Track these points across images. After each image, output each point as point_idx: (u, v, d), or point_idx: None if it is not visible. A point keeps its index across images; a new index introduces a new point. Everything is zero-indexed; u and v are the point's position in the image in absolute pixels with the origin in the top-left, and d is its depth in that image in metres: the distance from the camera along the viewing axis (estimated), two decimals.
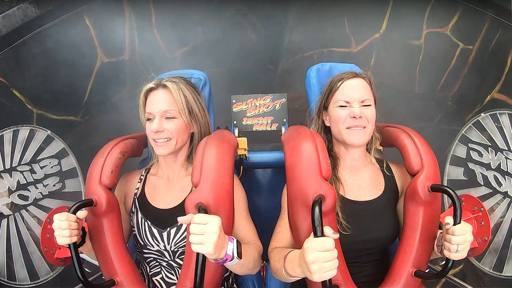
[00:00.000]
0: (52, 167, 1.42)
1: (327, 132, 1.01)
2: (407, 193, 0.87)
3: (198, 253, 0.68)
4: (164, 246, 0.92)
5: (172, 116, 0.92)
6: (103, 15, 1.56)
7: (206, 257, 0.68)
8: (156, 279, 0.95)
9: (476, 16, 1.44)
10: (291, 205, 0.84)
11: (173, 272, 0.94)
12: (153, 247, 0.93)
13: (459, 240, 0.71)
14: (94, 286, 0.80)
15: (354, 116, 0.88)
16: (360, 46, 1.70)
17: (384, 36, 1.67)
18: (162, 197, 0.96)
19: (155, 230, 0.92)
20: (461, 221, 0.73)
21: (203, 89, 1.11)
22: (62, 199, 1.44)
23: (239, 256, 0.73)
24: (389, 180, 0.96)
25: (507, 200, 1.30)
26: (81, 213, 0.80)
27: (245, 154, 1.20)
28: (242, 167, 1.21)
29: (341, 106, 0.91)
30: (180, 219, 0.71)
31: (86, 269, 1.12)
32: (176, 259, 0.93)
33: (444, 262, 0.75)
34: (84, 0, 1.48)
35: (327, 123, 0.98)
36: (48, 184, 1.40)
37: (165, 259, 0.93)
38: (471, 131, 1.46)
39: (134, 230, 0.95)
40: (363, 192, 0.93)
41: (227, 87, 1.54)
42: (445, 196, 1.34)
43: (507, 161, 1.31)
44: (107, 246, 0.87)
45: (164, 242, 0.91)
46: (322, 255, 0.62)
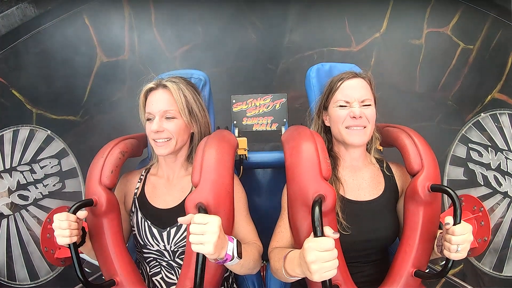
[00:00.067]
0: (52, 167, 1.42)
1: (327, 132, 1.01)
2: (407, 193, 0.87)
3: (198, 253, 0.68)
4: (164, 246, 0.92)
5: (172, 116, 0.92)
6: (103, 14, 1.55)
7: (206, 257, 0.68)
8: (156, 279, 0.95)
9: (477, 16, 1.43)
10: (291, 205, 0.84)
11: (173, 272, 0.94)
12: (153, 247, 0.93)
13: (459, 240, 0.71)
14: (94, 286, 0.80)
15: (354, 116, 0.88)
16: (361, 45, 1.69)
17: (384, 36, 1.66)
18: (162, 197, 0.96)
19: (155, 230, 0.92)
20: (461, 221, 0.73)
21: (203, 89, 1.11)
22: (62, 199, 1.44)
23: (239, 256, 0.73)
24: (389, 180, 0.96)
25: (507, 200, 1.30)
26: (81, 213, 0.80)
27: (245, 154, 1.20)
28: (242, 167, 1.21)
29: (341, 106, 0.91)
30: (180, 220, 0.70)
31: (86, 269, 1.12)
32: (176, 259, 0.93)
33: (444, 262, 0.75)
34: (84, 0, 1.48)
35: (327, 123, 0.98)
36: (48, 184, 1.40)
37: (165, 259, 0.93)
38: (471, 131, 1.46)
39: (134, 230, 0.95)
40: (363, 192, 0.93)
41: (227, 87, 1.54)
42: (445, 196, 1.33)
43: (507, 161, 1.30)
44: (107, 246, 0.87)
45: (164, 242, 0.91)
46: (322, 255, 0.62)
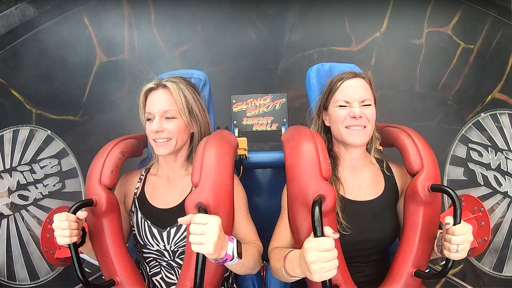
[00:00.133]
0: (52, 167, 1.42)
1: (327, 132, 1.01)
2: (407, 193, 0.87)
3: (198, 253, 0.68)
4: (164, 246, 0.92)
5: (172, 116, 0.91)
6: (102, 14, 1.55)
7: (206, 257, 0.68)
8: (156, 279, 0.95)
9: (477, 15, 1.43)
10: (291, 205, 0.84)
11: (173, 272, 0.94)
12: (153, 247, 0.93)
13: (459, 240, 0.71)
14: (94, 286, 0.80)
15: (354, 116, 0.88)
16: (361, 45, 1.69)
17: (384, 35, 1.66)
18: (162, 196, 0.96)
19: (155, 230, 0.92)
20: (461, 221, 0.73)
21: (203, 89, 1.11)
22: (62, 199, 1.44)
23: (239, 256, 0.73)
24: (389, 180, 0.96)
25: (507, 200, 1.30)
26: (81, 214, 0.79)
27: (245, 154, 1.20)
28: (242, 167, 1.21)
29: (341, 106, 0.91)
30: (180, 220, 0.70)
31: (86, 269, 1.12)
32: (176, 259, 0.93)
33: (444, 262, 0.75)
34: None
35: (327, 123, 0.98)
36: (48, 184, 1.40)
37: (165, 259, 0.93)
38: (471, 131, 1.46)
39: (134, 230, 0.95)
40: (363, 192, 0.93)
41: (227, 87, 1.54)
42: (445, 196, 1.33)
43: (507, 161, 1.30)
44: (107, 246, 0.87)
45: (164, 242, 0.91)
46: (322, 255, 0.62)
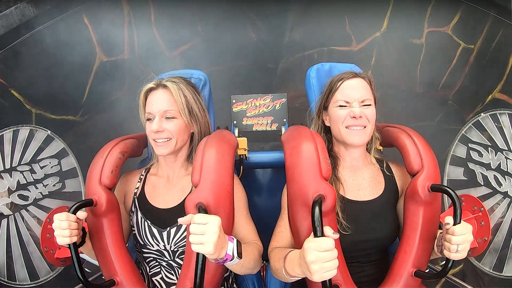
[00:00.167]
0: (52, 167, 1.42)
1: (327, 132, 1.01)
2: (407, 193, 0.87)
3: (198, 253, 0.68)
4: (164, 246, 0.92)
5: (172, 116, 0.91)
6: (102, 14, 1.55)
7: (206, 257, 0.68)
8: (156, 279, 0.95)
9: (477, 15, 1.43)
10: (291, 205, 0.84)
11: (173, 272, 0.94)
12: (153, 246, 0.93)
13: (459, 240, 0.71)
14: (94, 286, 0.80)
15: (354, 116, 0.88)
16: (361, 44, 1.69)
17: (385, 35, 1.66)
18: (162, 196, 0.96)
19: (155, 230, 0.92)
20: (461, 221, 0.73)
21: (203, 89, 1.11)
22: (62, 199, 1.44)
23: (239, 256, 0.73)
24: (389, 180, 0.96)
25: (507, 200, 1.30)
26: (81, 214, 0.79)
27: (245, 154, 1.20)
28: (242, 167, 1.21)
29: (341, 106, 0.91)
30: (180, 220, 0.70)
31: (86, 269, 1.12)
32: (176, 259, 0.93)
33: (444, 262, 0.75)
34: None
35: (327, 123, 0.98)
36: (48, 184, 1.40)
37: (165, 259, 0.93)
38: (471, 131, 1.45)
39: (134, 230, 0.95)
40: (363, 192, 0.93)
41: (227, 87, 1.54)
42: (445, 196, 1.33)
43: (507, 161, 1.30)
44: (107, 246, 0.87)
45: (164, 242, 0.91)
46: (322, 255, 0.62)
